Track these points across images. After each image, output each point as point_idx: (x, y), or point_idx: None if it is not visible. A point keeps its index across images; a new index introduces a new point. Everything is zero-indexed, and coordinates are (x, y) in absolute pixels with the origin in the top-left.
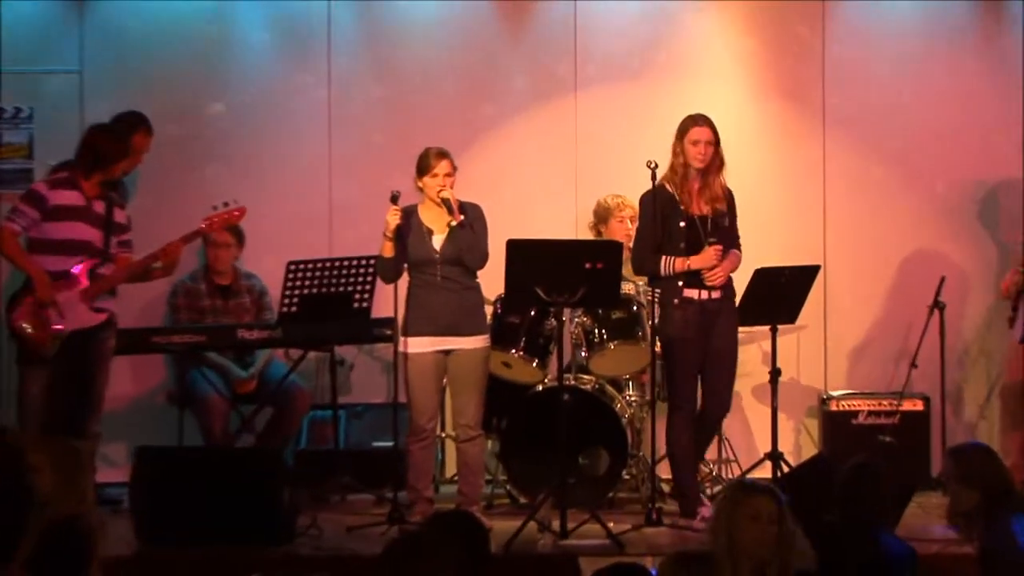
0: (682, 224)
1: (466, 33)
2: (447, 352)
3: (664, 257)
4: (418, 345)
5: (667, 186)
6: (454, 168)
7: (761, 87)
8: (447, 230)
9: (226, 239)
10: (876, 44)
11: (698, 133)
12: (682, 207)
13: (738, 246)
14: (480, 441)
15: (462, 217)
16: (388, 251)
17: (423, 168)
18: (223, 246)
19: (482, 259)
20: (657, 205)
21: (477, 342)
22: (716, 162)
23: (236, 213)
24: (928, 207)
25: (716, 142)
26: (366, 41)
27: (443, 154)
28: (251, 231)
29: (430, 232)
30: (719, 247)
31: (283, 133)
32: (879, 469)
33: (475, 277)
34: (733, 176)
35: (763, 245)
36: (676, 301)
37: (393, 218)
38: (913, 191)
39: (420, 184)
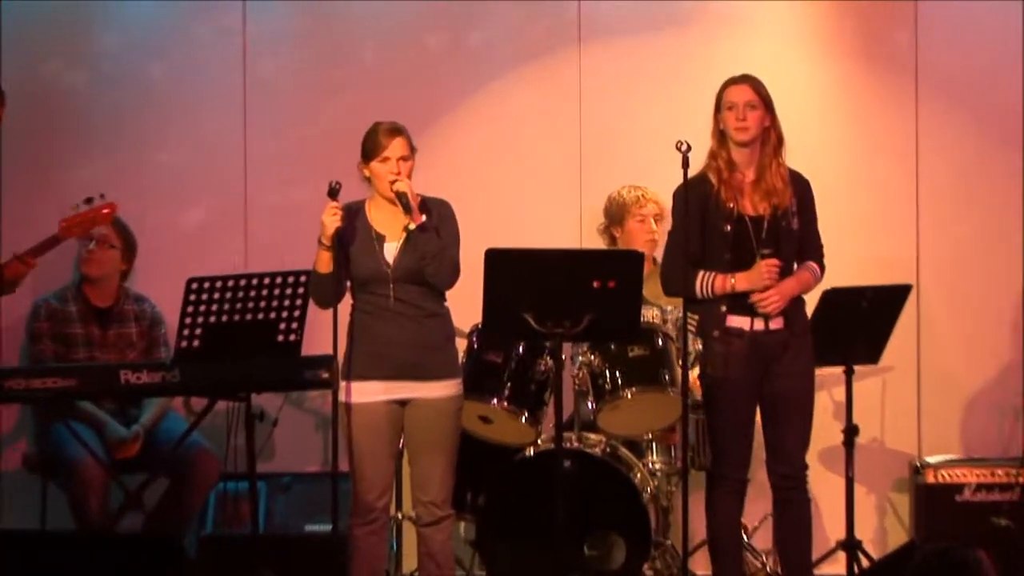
0: (727, 227)
1: None
2: (403, 402)
3: (701, 273)
4: (365, 393)
5: (709, 176)
6: (412, 149)
7: (832, 43)
8: (403, 236)
9: (107, 235)
10: None
11: (735, 93)
12: (728, 204)
13: (818, 257)
14: (449, 524)
15: (424, 218)
16: (325, 265)
17: (370, 150)
18: (101, 243)
19: (452, 275)
20: (693, 201)
21: (445, 388)
22: (771, 139)
23: (104, 211)
24: None
25: (767, 107)
26: None
27: (396, 130)
28: (141, 242)
29: (381, 238)
30: (774, 262)
31: (182, 111)
32: (972, 560)
33: (443, 300)
34: (793, 164)
35: (835, 257)
36: (717, 333)
37: (331, 219)
38: None
39: (367, 172)
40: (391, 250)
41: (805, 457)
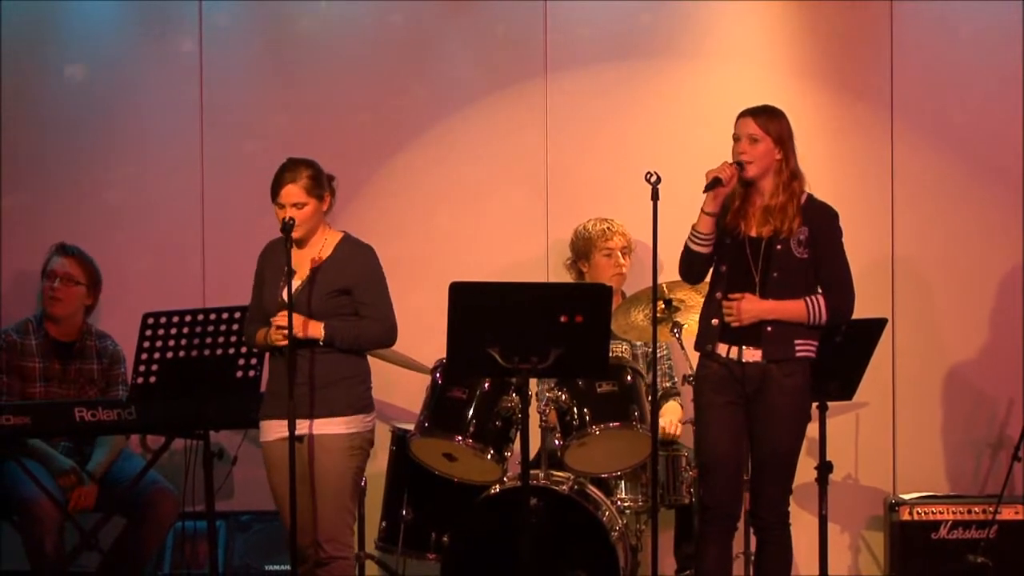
0: (727, 241)
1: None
2: (300, 439)
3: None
4: (268, 431)
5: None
6: (312, 194)
7: (806, 76)
8: (308, 274)
9: (71, 272)
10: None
11: (739, 126)
12: (734, 223)
13: (832, 294)
14: (342, 567)
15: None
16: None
17: (272, 189)
18: (65, 280)
19: (384, 338)
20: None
21: (332, 425)
22: (784, 171)
23: None
24: None
25: (776, 141)
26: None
27: (293, 174)
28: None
29: (292, 274)
30: (727, 164)
31: (140, 137)
32: None
33: None
34: None
35: None
36: (700, 354)
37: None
38: (1017, 214)
39: None
40: (293, 286)
41: (785, 502)
